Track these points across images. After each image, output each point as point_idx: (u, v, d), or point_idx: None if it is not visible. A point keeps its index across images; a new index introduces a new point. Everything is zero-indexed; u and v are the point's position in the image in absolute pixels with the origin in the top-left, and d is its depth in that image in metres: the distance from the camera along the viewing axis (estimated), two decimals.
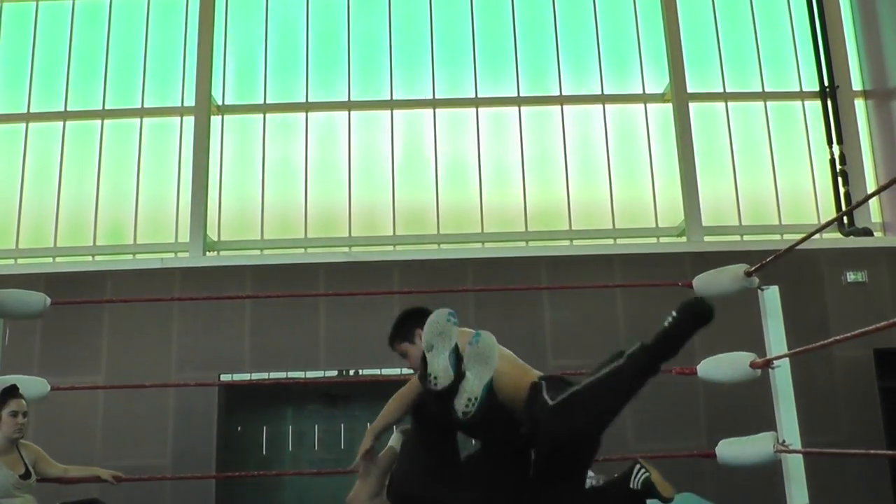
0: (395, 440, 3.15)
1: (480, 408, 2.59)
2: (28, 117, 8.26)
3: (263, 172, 8.18)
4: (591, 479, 6.67)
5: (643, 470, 2.74)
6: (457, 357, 2.65)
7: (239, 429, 8.68)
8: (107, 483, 4.23)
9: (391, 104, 8.33)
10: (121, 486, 4.31)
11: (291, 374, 7.42)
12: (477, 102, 8.34)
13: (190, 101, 8.17)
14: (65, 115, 8.25)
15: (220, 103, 8.30)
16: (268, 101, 8.35)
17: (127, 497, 5.15)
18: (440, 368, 2.62)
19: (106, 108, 8.27)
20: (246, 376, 7.39)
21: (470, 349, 2.66)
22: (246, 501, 8.33)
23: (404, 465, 2.85)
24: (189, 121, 8.13)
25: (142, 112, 8.27)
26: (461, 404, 2.59)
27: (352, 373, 7.56)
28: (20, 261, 7.89)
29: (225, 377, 7.32)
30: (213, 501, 6.93)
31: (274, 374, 7.46)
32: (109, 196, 8.10)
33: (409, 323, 3.31)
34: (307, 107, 8.33)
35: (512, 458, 2.85)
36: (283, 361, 7.33)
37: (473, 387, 2.61)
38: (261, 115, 8.33)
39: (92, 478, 4.25)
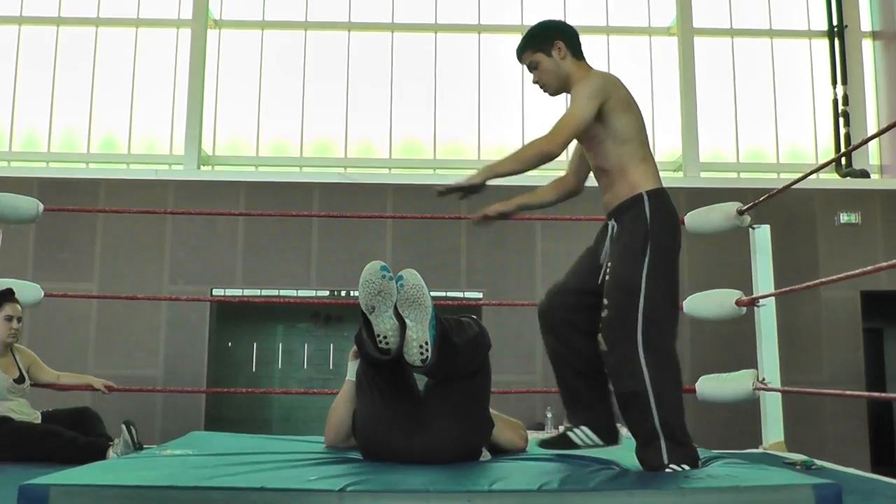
0: (351, 373, 2.96)
1: (438, 349, 2.44)
2: (21, 20, 8.12)
3: (260, 89, 8.10)
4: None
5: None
6: (398, 314, 2.46)
7: (230, 344, 8.79)
8: (99, 392, 4.29)
9: (392, 27, 8.20)
10: (112, 396, 4.37)
11: (283, 293, 7.48)
12: (479, 29, 8.21)
13: (187, 14, 8.02)
14: (58, 21, 8.11)
15: (217, 17, 8.15)
16: (266, 19, 8.22)
17: (118, 406, 5.24)
18: (388, 327, 2.43)
19: (101, 16, 8.13)
20: (238, 292, 7.44)
21: (398, 296, 2.44)
22: (235, 415, 8.50)
23: (365, 409, 2.69)
24: (185, 34, 8.00)
25: (137, 22, 8.13)
26: (414, 355, 2.42)
27: (343, 293, 7.63)
28: (13, 164, 7.86)
29: (217, 292, 7.37)
30: (203, 414, 7.05)
31: (266, 292, 7.53)
32: (105, 105, 8.03)
33: (550, 32, 2.89)
34: (306, 25, 8.20)
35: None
36: (274, 279, 7.38)
37: (419, 333, 2.41)
38: (259, 31, 8.20)
39: (84, 386, 4.30)
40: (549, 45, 2.87)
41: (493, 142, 8.06)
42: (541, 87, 2.96)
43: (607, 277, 2.72)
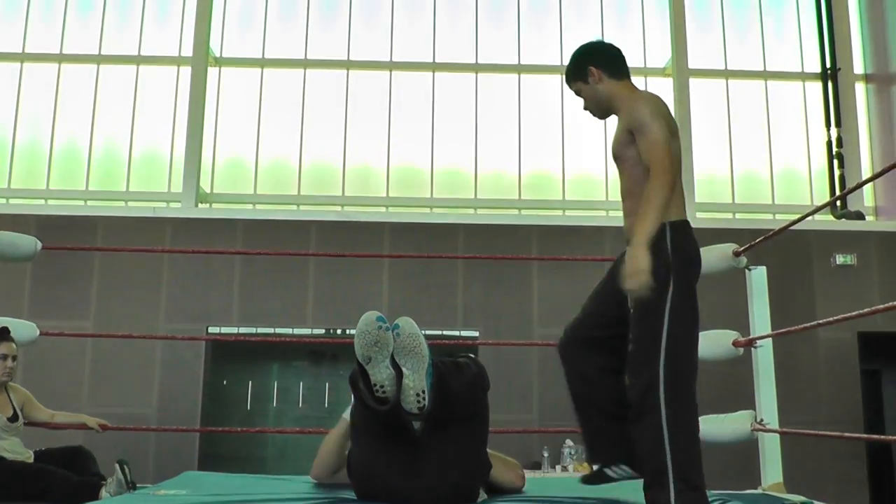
0: (348, 412, 2.98)
1: (435, 395, 2.46)
2: (23, 57, 8.19)
3: (259, 127, 8.15)
4: (570, 448, 6.78)
5: None
6: (394, 363, 2.48)
7: (224, 382, 8.72)
8: (92, 430, 4.26)
9: (390, 65, 8.28)
10: (106, 434, 4.35)
11: (279, 331, 7.45)
12: (476, 68, 8.30)
13: (187, 52, 8.10)
14: (60, 58, 8.18)
15: (217, 55, 8.23)
16: (266, 56, 8.30)
17: (112, 444, 5.19)
18: (385, 377, 2.44)
19: (102, 53, 8.21)
20: (234, 329, 7.42)
21: (395, 345, 2.45)
22: (229, 453, 8.41)
23: (360, 451, 2.68)
24: (186, 71, 8.07)
25: (138, 59, 8.21)
26: (411, 403, 2.43)
27: (339, 332, 7.60)
28: (12, 200, 7.87)
29: (213, 329, 7.34)
30: (196, 452, 6.99)
31: (261, 330, 7.50)
32: (104, 142, 8.07)
33: (582, 59, 2.94)
34: (305, 63, 8.28)
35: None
36: (270, 317, 7.36)
37: (415, 382, 2.42)
38: (258, 70, 8.28)
39: (78, 425, 4.28)
40: (584, 72, 2.91)
41: (491, 177, 8.10)
42: (590, 113, 2.99)
43: (631, 310, 2.70)
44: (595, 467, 2.90)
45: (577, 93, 2.96)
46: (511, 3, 8.44)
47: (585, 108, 2.99)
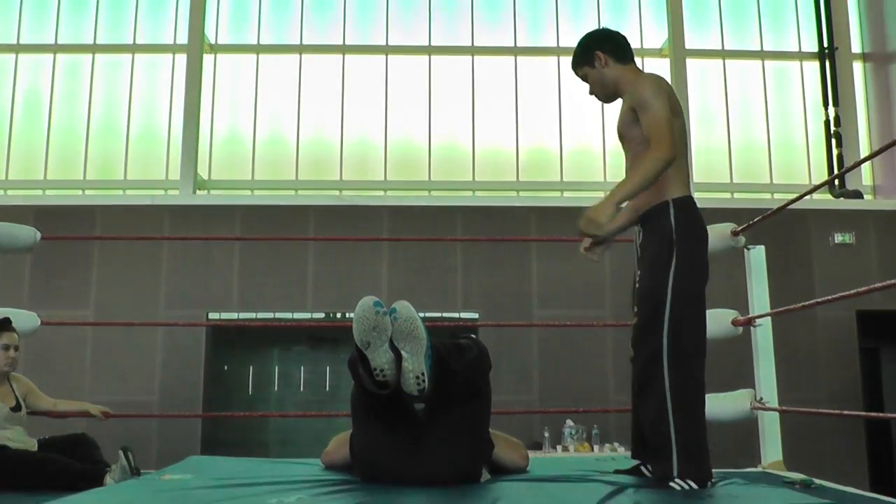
0: None
1: (435, 377, 2.47)
2: (18, 48, 8.16)
3: (255, 113, 8.13)
4: (570, 428, 6.81)
5: None
6: (393, 346, 2.48)
7: (225, 368, 8.75)
8: (95, 418, 4.27)
9: (386, 49, 8.26)
10: (109, 421, 4.36)
11: (279, 316, 7.47)
12: (473, 51, 8.28)
13: (182, 39, 8.07)
14: (55, 48, 8.15)
15: (213, 42, 8.21)
16: (261, 42, 8.27)
17: (114, 432, 5.21)
18: (384, 361, 2.45)
19: (97, 42, 8.18)
20: (234, 315, 7.44)
21: (393, 329, 2.46)
22: (231, 439, 8.44)
23: (363, 434, 2.71)
24: (181, 59, 8.05)
25: (134, 48, 8.18)
26: (411, 386, 2.44)
27: (339, 316, 7.62)
28: (10, 192, 7.87)
29: (213, 316, 7.36)
30: (199, 438, 7.02)
31: (262, 315, 7.52)
32: (100, 131, 8.06)
33: (589, 44, 3.01)
34: (301, 49, 8.25)
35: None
36: (270, 302, 7.38)
37: (414, 365, 2.44)
38: (254, 56, 8.25)
39: (81, 412, 4.29)
40: (590, 57, 2.99)
41: (489, 159, 8.09)
42: (595, 97, 3.07)
43: (637, 286, 2.78)
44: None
45: (584, 78, 3.04)
46: None
47: (591, 93, 3.07)
